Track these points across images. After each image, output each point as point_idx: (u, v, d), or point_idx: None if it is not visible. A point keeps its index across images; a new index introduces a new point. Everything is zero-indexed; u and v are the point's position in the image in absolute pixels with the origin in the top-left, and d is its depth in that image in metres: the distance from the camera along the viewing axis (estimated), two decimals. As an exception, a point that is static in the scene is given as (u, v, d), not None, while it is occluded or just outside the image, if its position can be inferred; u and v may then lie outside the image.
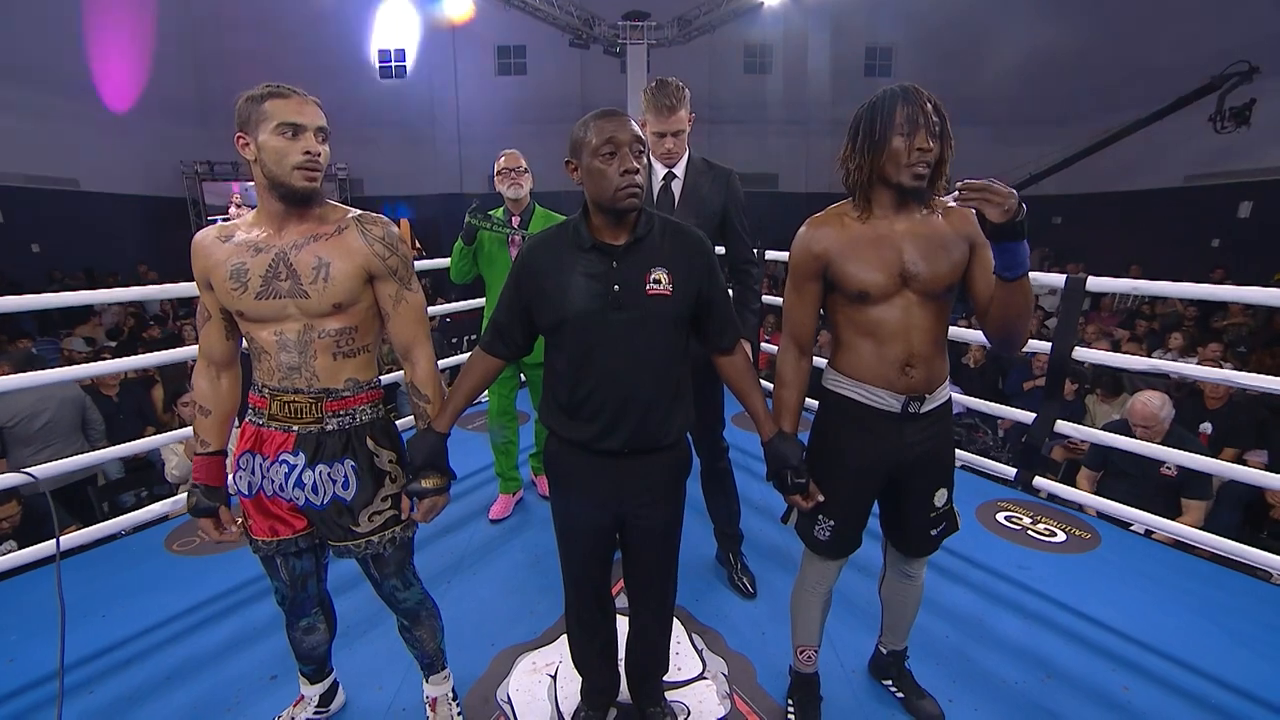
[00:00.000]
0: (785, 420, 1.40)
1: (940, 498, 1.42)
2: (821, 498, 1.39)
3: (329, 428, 1.28)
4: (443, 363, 4.08)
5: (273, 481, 1.30)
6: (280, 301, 1.21)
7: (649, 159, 1.23)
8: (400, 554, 1.40)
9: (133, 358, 3.14)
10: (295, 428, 1.27)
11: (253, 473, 1.31)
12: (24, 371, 2.68)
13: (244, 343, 1.32)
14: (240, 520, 1.36)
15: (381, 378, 1.40)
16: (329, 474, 1.28)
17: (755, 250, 2.07)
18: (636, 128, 1.21)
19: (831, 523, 1.42)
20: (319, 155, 1.18)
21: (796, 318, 1.39)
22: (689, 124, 1.89)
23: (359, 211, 1.29)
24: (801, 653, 1.59)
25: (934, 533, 1.46)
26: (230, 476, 1.36)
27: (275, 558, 1.35)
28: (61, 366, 2.78)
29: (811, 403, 1.49)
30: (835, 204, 1.35)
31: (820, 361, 1.49)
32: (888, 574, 1.60)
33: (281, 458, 1.28)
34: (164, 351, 2.63)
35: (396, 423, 1.43)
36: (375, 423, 1.34)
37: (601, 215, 1.23)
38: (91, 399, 3.62)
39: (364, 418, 1.32)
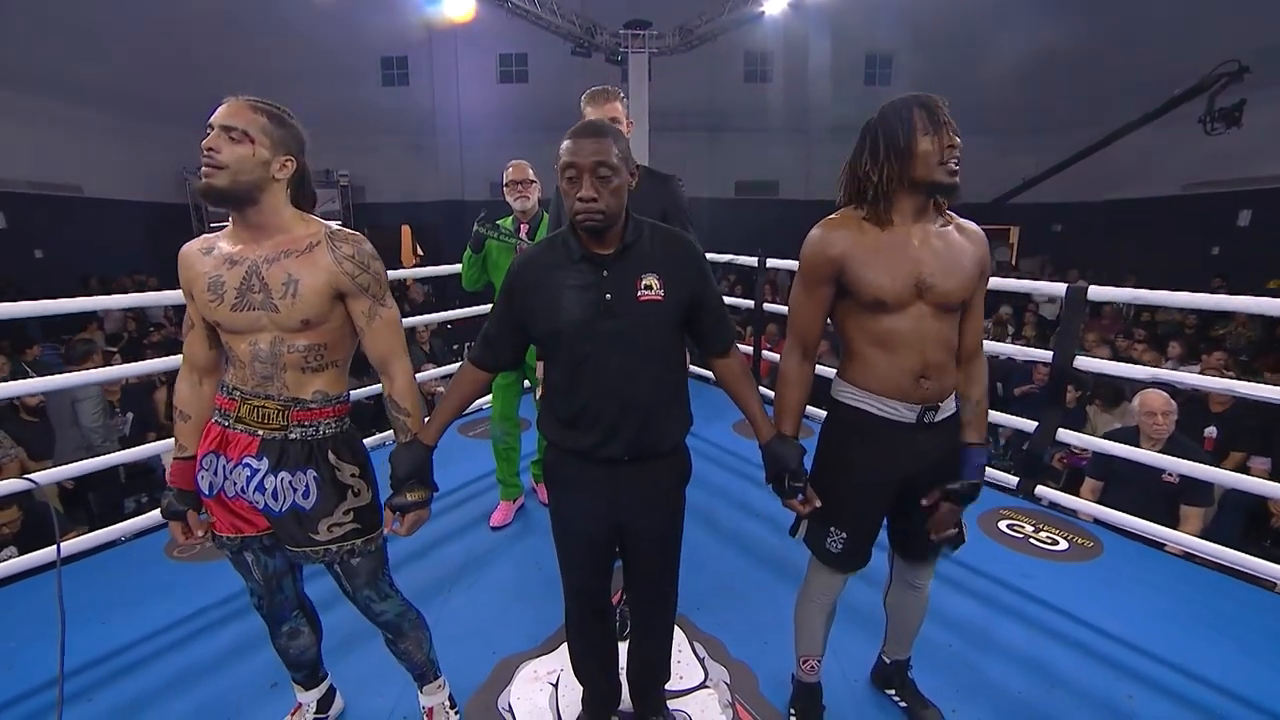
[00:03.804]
0: (786, 423, 1.38)
1: None
2: (819, 503, 1.36)
3: (292, 436, 1.28)
4: (445, 370, 4.10)
5: (234, 484, 1.30)
6: (254, 313, 1.21)
7: (625, 169, 1.20)
8: (370, 564, 1.38)
9: (138, 363, 3.14)
10: (260, 432, 1.27)
11: (215, 473, 1.31)
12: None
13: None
14: (206, 525, 1.37)
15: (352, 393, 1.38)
16: (290, 482, 1.28)
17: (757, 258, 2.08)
18: (607, 145, 1.15)
19: (844, 535, 1.40)
20: (214, 151, 1.12)
21: (804, 319, 1.35)
22: (628, 129, 1.95)
23: (334, 227, 1.27)
24: (805, 663, 1.59)
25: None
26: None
27: (245, 555, 1.36)
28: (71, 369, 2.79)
29: (816, 412, 1.48)
30: (844, 209, 1.31)
31: (828, 372, 1.48)
32: (893, 585, 1.59)
33: (245, 461, 1.28)
34: (169, 357, 2.64)
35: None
36: (338, 437, 1.33)
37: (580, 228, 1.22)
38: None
39: (327, 431, 1.31)
